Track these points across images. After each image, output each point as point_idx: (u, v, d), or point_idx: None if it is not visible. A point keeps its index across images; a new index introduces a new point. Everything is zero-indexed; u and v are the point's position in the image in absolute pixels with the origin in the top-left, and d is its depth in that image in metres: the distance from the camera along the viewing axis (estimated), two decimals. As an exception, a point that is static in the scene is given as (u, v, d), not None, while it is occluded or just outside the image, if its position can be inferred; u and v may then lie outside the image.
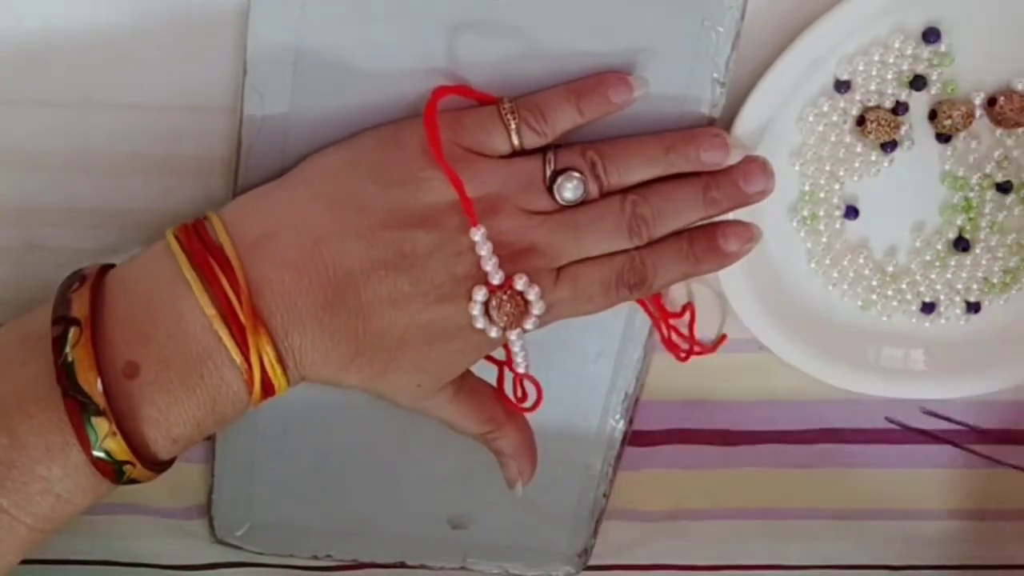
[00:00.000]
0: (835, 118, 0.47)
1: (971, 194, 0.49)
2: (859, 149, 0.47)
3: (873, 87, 0.46)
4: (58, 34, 0.42)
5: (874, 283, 0.50)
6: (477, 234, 0.41)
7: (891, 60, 0.46)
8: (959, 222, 0.49)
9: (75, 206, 0.46)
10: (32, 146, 0.44)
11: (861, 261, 0.50)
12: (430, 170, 0.41)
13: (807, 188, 0.48)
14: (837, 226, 0.49)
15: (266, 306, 0.40)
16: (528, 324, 0.43)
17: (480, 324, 0.42)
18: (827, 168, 0.48)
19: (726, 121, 0.45)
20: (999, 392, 0.53)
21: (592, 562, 0.59)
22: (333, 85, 0.43)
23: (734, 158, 0.44)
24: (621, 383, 0.52)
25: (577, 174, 0.43)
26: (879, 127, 0.46)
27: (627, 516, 0.58)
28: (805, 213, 0.49)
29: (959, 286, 0.51)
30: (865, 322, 0.51)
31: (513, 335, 0.43)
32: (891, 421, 0.56)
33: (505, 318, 0.42)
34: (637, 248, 0.44)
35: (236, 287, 0.39)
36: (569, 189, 0.43)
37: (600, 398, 0.52)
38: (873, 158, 0.48)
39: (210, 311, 0.39)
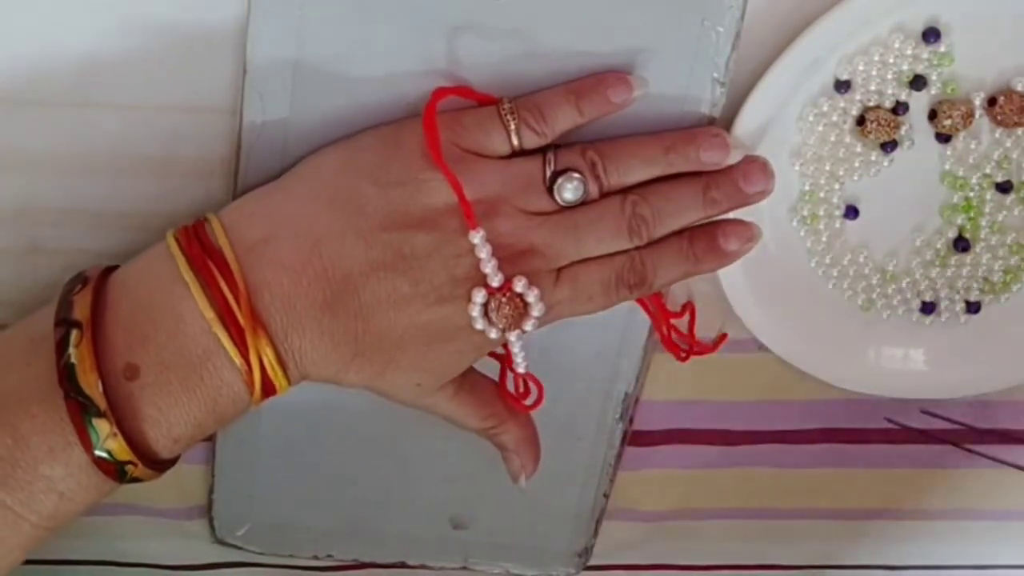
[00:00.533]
0: (835, 118, 0.47)
1: (971, 194, 0.49)
2: (859, 149, 0.47)
3: (873, 87, 0.46)
4: (59, 36, 0.42)
5: (874, 283, 0.50)
6: (476, 237, 0.41)
7: (891, 60, 0.46)
8: (959, 222, 0.49)
9: (75, 207, 0.46)
10: (33, 147, 0.44)
11: (861, 261, 0.50)
12: (429, 171, 0.41)
13: (807, 188, 0.48)
14: (837, 226, 0.49)
15: (265, 308, 0.40)
16: (527, 325, 0.43)
17: (479, 325, 0.42)
18: (827, 168, 0.48)
19: (726, 121, 0.45)
20: (999, 392, 0.53)
21: (592, 562, 0.59)
22: (333, 87, 0.43)
23: (734, 158, 0.44)
24: (621, 383, 0.52)
25: (577, 175, 0.43)
26: (879, 127, 0.46)
27: (627, 516, 0.58)
28: (805, 213, 0.49)
29: (959, 286, 0.51)
30: (865, 322, 0.51)
31: (512, 336, 0.43)
32: (891, 421, 0.56)
33: (504, 320, 0.42)
34: (637, 248, 0.44)
35: (235, 290, 0.39)
36: (569, 190, 0.42)
37: (600, 398, 0.52)
38: (873, 158, 0.48)
39: (209, 314, 0.39)
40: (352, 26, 0.42)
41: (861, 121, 0.46)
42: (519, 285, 0.42)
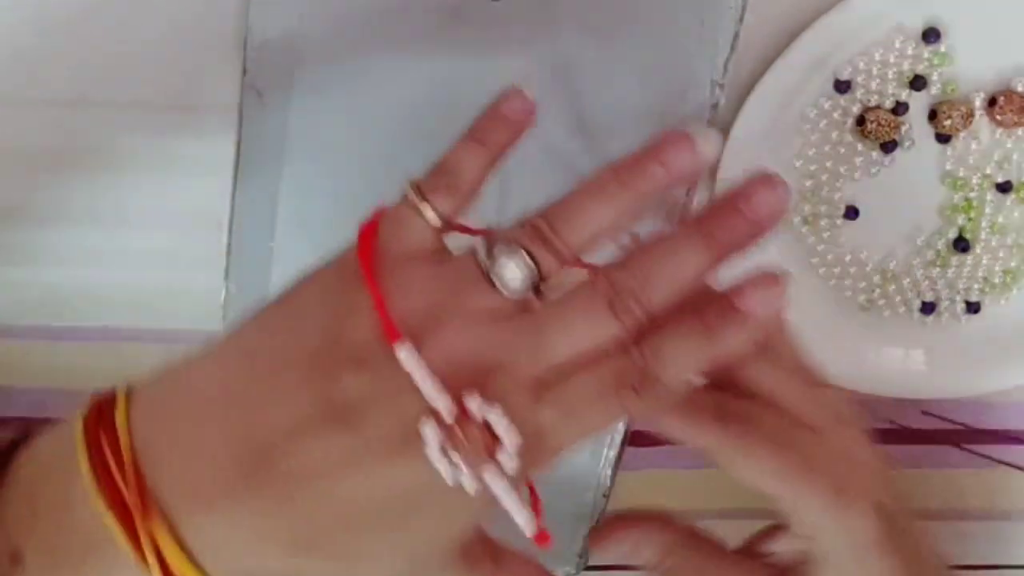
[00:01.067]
0: (835, 118, 0.47)
1: (971, 194, 0.49)
2: (859, 149, 0.47)
3: (873, 87, 0.46)
4: (56, 33, 0.42)
5: (874, 283, 0.50)
6: (403, 351, 0.31)
7: (891, 60, 0.46)
8: (959, 222, 0.49)
9: (74, 205, 0.46)
10: (30, 145, 0.44)
11: (861, 261, 0.50)
12: (350, 294, 0.32)
13: (807, 188, 0.48)
14: (837, 226, 0.49)
15: (159, 484, 0.32)
16: (506, 460, 0.31)
17: (447, 474, 0.31)
18: (827, 168, 0.48)
19: (726, 121, 0.45)
20: (999, 392, 0.53)
21: (592, 562, 0.59)
22: (332, 87, 0.43)
23: (708, 148, 0.33)
24: (621, 383, 0.52)
25: (518, 248, 0.32)
26: (879, 127, 0.46)
27: (627, 516, 0.58)
28: (805, 213, 0.49)
29: (959, 286, 0.51)
30: (865, 322, 0.51)
31: (488, 476, 0.31)
32: (891, 421, 0.56)
33: (466, 455, 0.31)
34: (637, 340, 0.33)
35: (120, 463, 0.32)
36: (511, 270, 0.32)
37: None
38: (873, 158, 0.48)
39: (93, 493, 0.32)
40: (351, 26, 0.42)
41: (861, 121, 0.46)
42: (473, 404, 0.31)
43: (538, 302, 0.33)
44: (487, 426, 0.31)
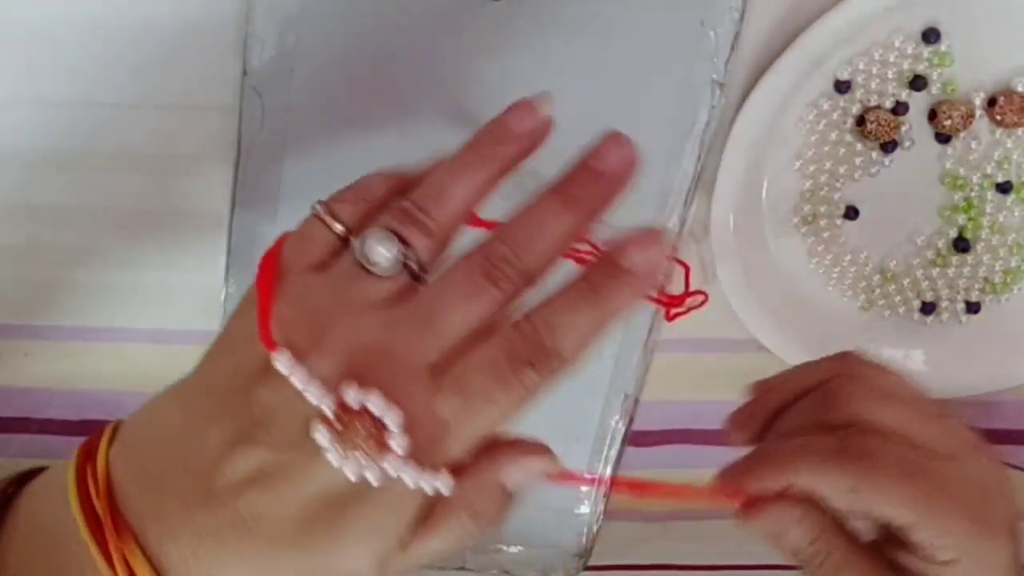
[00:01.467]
0: (835, 118, 0.47)
1: (971, 194, 0.49)
2: (859, 149, 0.47)
3: (873, 87, 0.46)
4: (57, 34, 0.42)
5: (874, 283, 0.50)
6: (277, 361, 0.32)
7: (891, 60, 0.46)
8: (959, 222, 0.49)
9: (75, 205, 0.46)
10: (32, 145, 0.44)
11: (861, 261, 0.50)
12: (253, 314, 0.33)
13: (807, 188, 0.48)
14: (837, 225, 0.49)
15: (132, 512, 0.33)
16: (396, 444, 0.31)
17: (351, 472, 0.31)
18: (827, 168, 0.48)
19: (726, 121, 0.45)
20: (999, 392, 0.53)
21: (592, 562, 0.59)
22: (332, 86, 0.43)
23: (544, 108, 0.35)
24: (621, 383, 0.52)
25: (386, 231, 0.33)
26: (879, 127, 0.46)
27: (627, 516, 0.58)
28: (805, 213, 0.49)
29: (959, 286, 0.51)
30: (865, 322, 0.51)
31: (387, 464, 0.31)
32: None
33: (357, 449, 0.31)
34: (526, 315, 0.33)
35: (97, 489, 0.33)
36: (377, 251, 0.33)
37: (600, 398, 0.52)
38: (873, 158, 0.48)
39: (80, 522, 0.33)
40: (351, 26, 0.42)
41: (861, 121, 0.46)
42: (349, 395, 0.31)
43: (417, 285, 0.33)
44: (364, 413, 0.31)
